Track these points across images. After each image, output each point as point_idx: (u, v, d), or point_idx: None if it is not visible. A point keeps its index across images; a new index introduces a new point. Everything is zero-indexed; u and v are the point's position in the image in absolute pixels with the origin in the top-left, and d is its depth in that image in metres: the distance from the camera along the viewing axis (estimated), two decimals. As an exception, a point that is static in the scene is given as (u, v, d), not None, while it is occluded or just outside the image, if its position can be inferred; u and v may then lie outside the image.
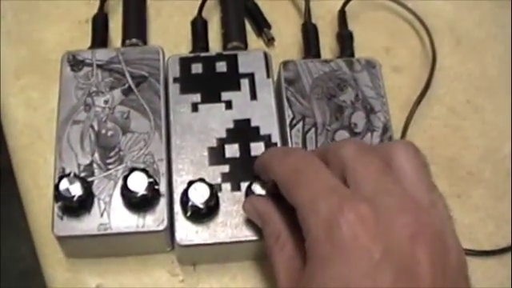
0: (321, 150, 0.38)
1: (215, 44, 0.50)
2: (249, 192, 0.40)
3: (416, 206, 0.31)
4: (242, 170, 0.42)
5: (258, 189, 0.40)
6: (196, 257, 0.42)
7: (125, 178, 0.39)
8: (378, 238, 0.30)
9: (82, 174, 0.41)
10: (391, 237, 0.30)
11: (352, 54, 0.49)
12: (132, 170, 0.39)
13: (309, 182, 0.33)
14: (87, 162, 0.41)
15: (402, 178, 0.33)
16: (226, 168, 0.42)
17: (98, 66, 0.45)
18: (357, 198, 0.31)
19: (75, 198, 0.39)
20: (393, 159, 0.34)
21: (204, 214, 0.40)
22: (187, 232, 0.40)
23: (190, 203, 0.39)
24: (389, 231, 0.30)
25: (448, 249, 0.31)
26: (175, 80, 0.45)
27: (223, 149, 0.42)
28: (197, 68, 0.45)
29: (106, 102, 0.43)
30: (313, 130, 0.44)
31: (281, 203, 0.36)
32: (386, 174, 0.33)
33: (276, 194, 0.37)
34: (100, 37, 0.48)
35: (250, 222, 0.40)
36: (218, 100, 0.44)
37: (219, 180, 0.41)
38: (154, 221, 0.40)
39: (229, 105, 0.44)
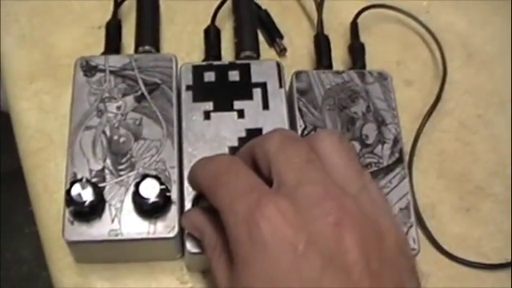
0: (249, 144, 0.37)
1: (227, 53, 0.50)
2: None
3: (341, 192, 0.31)
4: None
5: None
6: (206, 264, 0.42)
7: (137, 185, 0.39)
8: (300, 228, 0.29)
9: (94, 180, 0.41)
10: (315, 226, 0.29)
11: (363, 66, 0.49)
12: (144, 176, 0.39)
13: (228, 185, 0.33)
14: (99, 167, 0.41)
15: (329, 166, 0.33)
16: (237, 177, 0.42)
17: (111, 72, 0.45)
18: (274, 194, 0.31)
19: (87, 204, 0.39)
20: (319, 148, 0.33)
21: (215, 222, 0.40)
22: (197, 239, 0.40)
23: (201, 211, 0.39)
24: (312, 221, 0.29)
25: (382, 232, 0.31)
26: (188, 88, 0.45)
27: (235, 157, 0.42)
28: (209, 76, 0.45)
29: (118, 108, 0.44)
30: (324, 140, 0.44)
31: (216, 213, 0.34)
32: (310, 163, 0.32)
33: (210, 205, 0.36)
34: (113, 43, 0.48)
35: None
36: (231, 109, 0.44)
37: (230, 188, 0.41)
38: (164, 228, 0.40)
39: (241, 114, 0.44)
